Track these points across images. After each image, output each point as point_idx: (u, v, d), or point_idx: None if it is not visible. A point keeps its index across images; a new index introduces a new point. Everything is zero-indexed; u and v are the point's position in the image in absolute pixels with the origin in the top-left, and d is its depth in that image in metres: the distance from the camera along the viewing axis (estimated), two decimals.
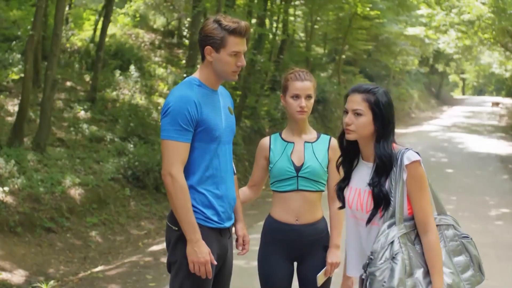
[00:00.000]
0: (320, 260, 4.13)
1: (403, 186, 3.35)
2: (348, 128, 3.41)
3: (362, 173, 3.51)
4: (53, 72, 10.56)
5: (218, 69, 3.76)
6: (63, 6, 10.73)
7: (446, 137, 25.90)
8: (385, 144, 3.37)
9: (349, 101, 3.45)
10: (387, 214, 3.36)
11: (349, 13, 25.04)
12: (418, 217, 3.35)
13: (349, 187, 3.57)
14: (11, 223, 7.82)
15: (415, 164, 3.36)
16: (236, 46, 3.70)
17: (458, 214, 11.20)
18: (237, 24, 3.70)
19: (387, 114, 3.42)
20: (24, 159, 9.39)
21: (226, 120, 3.85)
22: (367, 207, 3.43)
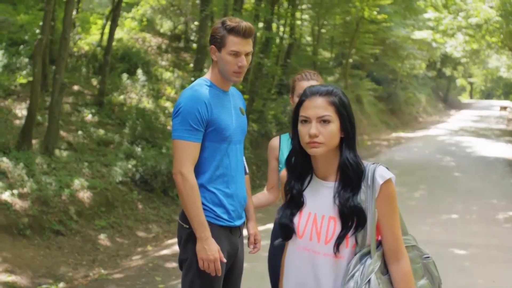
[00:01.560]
0: None
1: (375, 208, 2.79)
2: (315, 141, 2.77)
3: (319, 195, 2.89)
4: (61, 76, 10.59)
5: (221, 69, 3.82)
6: (71, 10, 10.77)
7: (453, 141, 25.87)
8: (353, 154, 2.84)
9: (310, 107, 2.82)
10: (358, 242, 2.77)
11: (356, 17, 25.06)
12: (388, 244, 2.82)
13: (299, 213, 2.91)
14: (20, 225, 7.84)
15: (389, 182, 2.83)
16: (235, 46, 3.75)
17: (466, 217, 11.21)
18: (236, 24, 3.75)
19: (352, 118, 2.88)
20: (33, 163, 9.42)
21: (237, 120, 3.89)
22: (327, 236, 2.79)
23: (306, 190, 2.93)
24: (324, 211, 2.83)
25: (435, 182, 15.16)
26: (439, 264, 8.06)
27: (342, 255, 2.76)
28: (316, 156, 2.84)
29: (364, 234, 2.77)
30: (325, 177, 2.89)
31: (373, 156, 20.31)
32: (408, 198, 13.06)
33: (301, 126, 2.83)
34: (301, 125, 2.83)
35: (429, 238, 9.55)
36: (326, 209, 2.83)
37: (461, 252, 8.86)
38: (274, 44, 20.01)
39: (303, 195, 2.92)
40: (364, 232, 2.77)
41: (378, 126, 30.04)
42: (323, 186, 2.88)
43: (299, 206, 2.91)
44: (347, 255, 2.76)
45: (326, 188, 2.86)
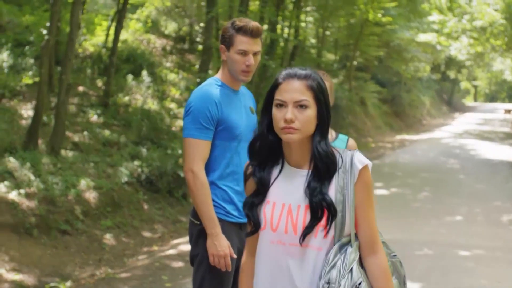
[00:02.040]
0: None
1: (354, 196, 2.65)
2: (291, 127, 2.59)
3: (291, 184, 2.71)
4: (67, 76, 10.64)
5: (230, 68, 3.91)
6: (78, 11, 10.82)
7: (457, 144, 25.90)
8: (324, 143, 2.69)
9: (286, 90, 2.64)
10: (334, 232, 2.62)
11: (360, 19, 25.10)
12: (365, 235, 2.67)
13: (269, 203, 2.72)
14: (27, 225, 7.89)
15: (367, 169, 2.69)
16: (243, 45, 3.84)
17: (470, 219, 11.24)
18: (244, 23, 3.84)
19: (329, 105, 2.74)
20: (39, 163, 9.46)
21: (247, 119, 3.97)
22: (303, 227, 2.62)
23: (279, 179, 2.74)
24: (299, 200, 2.66)
25: (439, 184, 15.19)
26: (443, 264, 8.16)
27: (320, 246, 2.61)
28: (290, 143, 2.67)
29: (342, 222, 2.62)
30: (299, 165, 2.72)
31: (377, 158, 20.33)
32: (412, 200, 13.09)
33: (276, 110, 2.65)
34: (276, 109, 2.65)
35: (433, 239, 9.59)
36: (301, 199, 2.66)
37: (465, 253, 8.89)
38: (279, 46, 20.06)
39: (269, 183, 2.73)
40: (343, 221, 2.62)
41: (382, 128, 30.07)
42: (297, 175, 2.71)
43: (265, 194, 2.73)
44: (324, 246, 2.61)
45: (301, 177, 2.69)
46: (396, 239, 9.42)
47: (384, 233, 8.31)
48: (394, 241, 9.13)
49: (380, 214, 9.49)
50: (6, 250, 7.22)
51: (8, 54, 13.49)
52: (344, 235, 2.63)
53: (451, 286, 7.36)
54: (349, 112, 25.47)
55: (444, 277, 7.69)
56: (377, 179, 15.16)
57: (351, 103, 26.43)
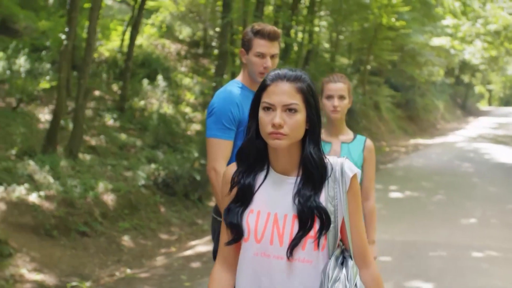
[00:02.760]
0: None
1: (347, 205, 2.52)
2: (279, 132, 2.43)
3: (278, 192, 2.55)
4: (85, 81, 10.80)
5: (249, 70, 4.07)
6: (95, 16, 10.97)
7: (472, 148, 25.85)
8: (317, 149, 2.54)
9: (275, 92, 2.48)
10: (327, 245, 2.49)
11: (374, 23, 25.14)
12: (358, 246, 2.56)
13: (253, 212, 2.55)
14: (47, 226, 8.03)
15: (356, 177, 2.57)
16: (260, 48, 4.00)
17: (484, 222, 11.28)
18: (262, 27, 4.01)
19: (319, 108, 2.58)
20: (58, 166, 9.61)
21: None
22: (291, 238, 2.46)
23: (263, 187, 2.57)
24: (287, 209, 2.50)
25: (454, 188, 15.22)
26: (457, 265, 8.25)
27: (309, 259, 2.46)
28: (277, 149, 2.50)
29: (335, 234, 2.49)
30: (286, 172, 2.56)
31: (391, 162, 20.39)
32: (427, 203, 13.15)
33: (263, 114, 2.48)
34: (264, 112, 2.48)
35: (448, 241, 9.65)
36: (288, 208, 2.49)
37: (479, 255, 8.95)
38: (293, 50, 20.16)
39: (254, 191, 2.57)
40: (335, 232, 2.49)
41: (396, 132, 30.08)
42: (284, 182, 2.54)
43: (248, 202, 2.56)
44: (314, 259, 2.47)
45: (288, 184, 2.53)
46: (410, 240, 9.54)
47: (399, 235, 8.53)
48: (408, 243, 9.31)
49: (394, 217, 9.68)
50: (27, 251, 7.35)
51: (25, 59, 13.66)
52: (335, 248, 2.51)
53: (465, 287, 7.44)
54: (363, 116, 25.52)
55: (458, 278, 7.76)
56: (392, 182, 15.22)
57: (365, 107, 26.48)
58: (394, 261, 8.44)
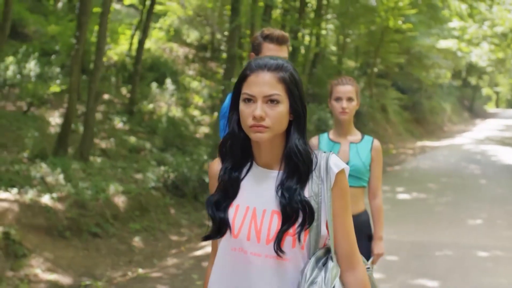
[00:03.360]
0: (363, 249, 4.47)
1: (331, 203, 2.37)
2: (261, 125, 2.30)
3: (259, 186, 2.43)
4: (96, 85, 10.95)
5: None
6: (105, 21, 11.12)
7: (479, 150, 25.92)
8: (303, 141, 2.41)
9: (256, 83, 2.33)
10: (309, 243, 2.34)
11: (381, 26, 25.24)
12: (344, 247, 2.40)
13: (232, 206, 2.43)
14: (60, 227, 8.17)
15: (343, 173, 2.41)
16: (269, 51, 4.11)
17: (490, 223, 11.38)
18: (271, 32, 4.14)
19: (304, 98, 2.44)
20: (69, 168, 9.75)
21: None
22: (268, 235, 2.32)
23: (245, 180, 2.46)
24: (266, 204, 2.37)
25: (461, 189, 15.31)
26: (464, 265, 8.39)
27: (287, 256, 2.31)
28: (259, 142, 2.38)
29: (317, 232, 2.35)
30: (268, 165, 2.44)
31: (399, 164, 20.48)
32: (434, 204, 13.25)
33: (244, 106, 2.34)
34: (244, 104, 2.34)
35: (454, 241, 9.77)
36: (268, 202, 2.37)
37: (485, 254, 9.08)
38: (300, 53, 20.28)
39: (239, 185, 2.45)
40: (317, 230, 2.35)
41: (403, 135, 30.15)
42: (266, 176, 2.42)
43: (233, 196, 2.44)
44: (293, 257, 2.32)
45: (270, 178, 2.41)
46: (417, 241, 9.66)
47: (406, 235, 8.67)
48: (415, 243, 9.43)
49: (401, 218, 9.82)
50: (40, 252, 7.49)
51: (35, 63, 13.80)
52: (319, 247, 2.37)
53: (471, 285, 7.57)
54: (370, 119, 25.61)
55: (464, 276, 7.90)
56: (399, 184, 15.32)
57: (372, 109, 26.57)
58: (401, 260, 8.57)
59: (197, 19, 23.70)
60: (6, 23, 11.13)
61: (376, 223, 4.57)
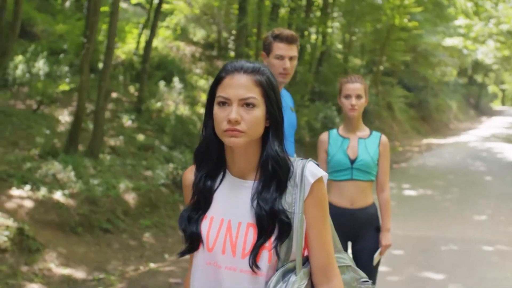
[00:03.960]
0: (372, 241, 4.70)
1: (303, 214, 2.26)
2: (236, 129, 2.20)
3: (234, 197, 2.32)
4: (106, 83, 11.08)
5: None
6: (115, 20, 11.25)
7: (484, 147, 26.00)
8: (281, 148, 2.31)
9: (231, 85, 2.24)
10: (281, 255, 2.23)
11: (387, 24, 25.32)
12: (317, 260, 2.29)
13: (207, 218, 2.32)
14: (72, 223, 8.31)
15: (321, 182, 2.30)
16: (279, 50, 4.33)
17: (496, 219, 11.50)
18: (280, 32, 4.35)
19: (280, 104, 2.36)
20: (80, 165, 9.89)
21: (288, 118, 4.38)
22: (244, 248, 2.23)
23: (219, 190, 2.35)
24: (241, 216, 2.27)
25: (466, 186, 15.42)
26: (469, 259, 8.57)
27: (263, 272, 2.22)
28: (234, 148, 2.27)
29: (289, 245, 2.23)
30: (242, 175, 2.33)
31: (405, 161, 20.59)
32: (440, 200, 13.37)
33: (218, 109, 2.24)
34: (218, 108, 2.24)
35: (460, 236, 9.91)
36: (243, 215, 2.27)
37: (490, 249, 9.24)
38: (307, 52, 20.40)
39: (212, 195, 2.35)
40: (289, 243, 2.23)
41: (409, 132, 30.23)
42: (241, 186, 2.32)
43: (206, 208, 2.34)
44: (268, 271, 2.23)
45: (244, 189, 2.31)
46: (424, 236, 9.80)
47: (412, 231, 8.82)
48: (422, 238, 9.57)
49: (408, 214, 9.99)
50: (53, 247, 7.63)
51: (44, 62, 13.95)
52: (290, 260, 2.26)
53: (476, 278, 7.71)
54: (376, 117, 25.70)
55: (469, 270, 8.06)
56: (405, 181, 15.44)
57: (378, 107, 26.66)
58: (407, 254, 8.72)
59: (204, 17, 23.82)
60: (16, 22, 11.30)
61: (383, 216, 4.73)
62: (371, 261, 4.66)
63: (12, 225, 7.27)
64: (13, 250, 7.06)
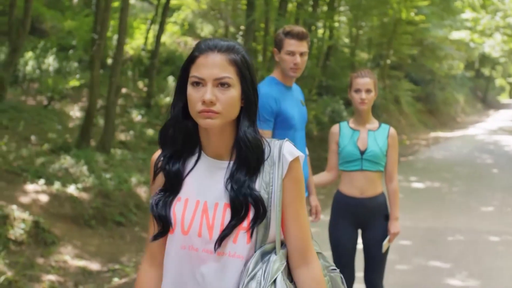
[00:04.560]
0: (380, 228, 4.91)
1: (281, 192, 2.21)
2: (211, 110, 2.13)
3: (209, 178, 2.26)
4: (116, 79, 11.22)
5: (282, 67, 4.62)
6: (125, 16, 11.38)
7: (491, 140, 26.08)
8: (253, 129, 2.25)
9: (205, 65, 2.16)
10: (259, 236, 2.18)
11: (393, 18, 25.38)
12: (296, 240, 2.24)
13: (181, 200, 2.26)
14: (86, 216, 8.47)
15: (298, 161, 2.25)
16: (290, 46, 4.55)
17: (502, 210, 11.63)
18: (291, 29, 4.57)
19: (255, 83, 2.28)
20: (92, 160, 10.05)
21: (299, 111, 4.70)
22: (222, 229, 2.17)
23: (193, 172, 2.29)
24: (218, 198, 2.21)
25: (473, 178, 15.54)
26: (476, 249, 8.71)
27: (241, 254, 2.17)
28: (209, 129, 2.21)
29: (266, 225, 2.19)
30: (218, 156, 2.27)
31: (412, 154, 20.69)
32: (447, 192, 13.50)
33: (192, 90, 2.16)
34: (192, 88, 2.17)
35: (466, 226, 10.07)
36: (220, 195, 2.21)
37: (496, 239, 9.40)
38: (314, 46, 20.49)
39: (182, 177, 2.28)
40: (267, 223, 2.19)
41: (417, 126, 30.28)
42: (216, 167, 2.26)
43: (177, 190, 2.27)
44: (247, 252, 2.18)
45: (220, 169, 2.25)
46: (431, 227, 9.95)
47: (420, 222, 9.00)
48: (429, 229, 9.73)
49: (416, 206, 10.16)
50: (68, 239, 7.79)
51: (54, 58, 14.09)
52: (268, 241, 2.21)
53: (482, 267, 7.87)
54: (384, 111, 25.78)
55: (476, 259, 8.24)
56: (413, 173, 15.56)
57: (386, 101, 26.73)
58: (415, 244, 8.87)
59: (211, 12, 23.95)
60: (27, 19, 11.46)
61: (392, 205, 4.93)
62: (380, 248, 4.87)
63: (28, 218, 7.44)
64: (29, 243, 7.23)
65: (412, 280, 7.36)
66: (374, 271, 4.95)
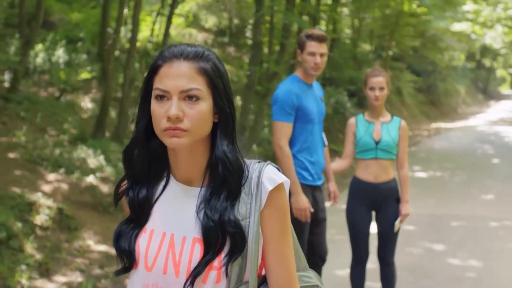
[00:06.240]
0: (392, 210, 5.49)
1: (258, 226, 1.89)
2: (178, 127, 1.84)
3: (178, 206, 1.97)
4: (130, 71, 11.59)
5: (304, 66, 5.18)
6: (138, 10, 11.73)
7: (492, 131, 26.36)
8: (232, 148, 1.94)
9: (169, 75, 1.87)
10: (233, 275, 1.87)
11: (395, 10, 25.59)
12: (277, 281, 1.93)
13: (146, 232, 1.97)
14: (105, 204, 8.84)
15: (281, 189, 1.93)
16: (311, 48, 5.11)
17: (503, 199, 12.02)
18: (312, 32, 5.15)
19: (231, 94, 1.97)
20: (108, 150, 10.42)
21: (318, 107, 5.29)
22: (189, 268, 1.87)
23: (161, 199, 2.00)
24: (186, 230, 1.92)
25: (474, 168, 15.90)
26: (477, 233, 9.23)
27: None
28: (176, 149, 1.93)
29: (242, 264, 1.88)
30: (188, 181, 1.98)
31: (414, 145, 21.00)
32: (449, 182, 13.91)
33: (156, 104, 1.88)
34: (156, 102, 1.89)
35: (468, 214, 10.56)
36: (188, 228, 1.92)
37: (496, 224, 9.93)
38: None
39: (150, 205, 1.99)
40: (242, 262, 1.88)
41: (418, 117, 30.55)
42: (186, 194, 1.97)
43: (144, 220, 1.98)
44: None
45: (190, 197, 1.95)
46: (434, 213, 10.41)
47: (422, 210, 9.50)
48: (433, 216, 10.18)
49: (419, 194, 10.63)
50: (90, 226, 8.18)
51: (63, 50, 14.34)
52: (242, 282, 1.90)
53: (483, 250, 8.42)
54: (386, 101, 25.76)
55: (477, 242, 8.84)
56: (415, 163, 15.92)
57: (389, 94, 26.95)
58: (420, 230, 9.39)
59: (215, 4, 24.13)
60: (40, 12, 11.76)
61: (403, 189, 5.51)
62: (392, 228, 5.45)
63: (52, 205, 7.82)
64: (54, 228, 7.63)
65: (418, 261, 7.95)
66: (386, 247, 5.53)
